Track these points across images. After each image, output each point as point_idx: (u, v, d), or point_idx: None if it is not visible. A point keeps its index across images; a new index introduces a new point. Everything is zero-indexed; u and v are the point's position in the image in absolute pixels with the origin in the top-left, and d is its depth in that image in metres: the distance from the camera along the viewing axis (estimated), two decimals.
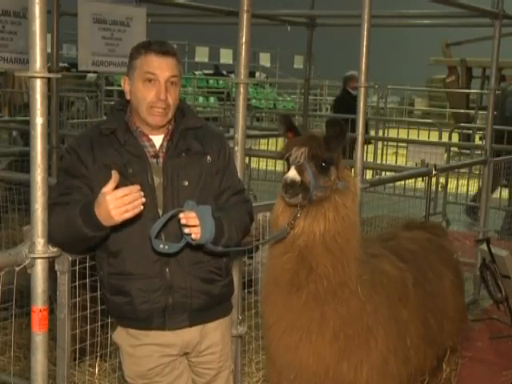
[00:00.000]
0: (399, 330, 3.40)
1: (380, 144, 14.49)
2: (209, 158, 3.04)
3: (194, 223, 2.77)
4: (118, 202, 2.64)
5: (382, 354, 3.25)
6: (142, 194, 2.68)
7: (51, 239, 2.85)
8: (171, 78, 2.91)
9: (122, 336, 3.07)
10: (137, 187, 2.68)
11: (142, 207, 2.69)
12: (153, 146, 3.00)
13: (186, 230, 2.77)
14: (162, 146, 3.00)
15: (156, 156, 2.98)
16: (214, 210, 2.95)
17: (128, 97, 2.98)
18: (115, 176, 2.68)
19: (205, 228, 2.78)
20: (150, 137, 3.00)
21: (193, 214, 2.77)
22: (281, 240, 3.13)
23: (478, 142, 15.77)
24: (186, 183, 2.96)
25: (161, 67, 2.89)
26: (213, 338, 3.13)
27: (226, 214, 2.99)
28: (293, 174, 3.01)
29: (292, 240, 3.09)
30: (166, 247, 2.81)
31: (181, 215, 2.77)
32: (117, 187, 2.83)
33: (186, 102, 3.23)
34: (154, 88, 2.89)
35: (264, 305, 3.31)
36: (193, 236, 2.78)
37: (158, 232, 2.80)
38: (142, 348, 3.02)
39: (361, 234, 3.27)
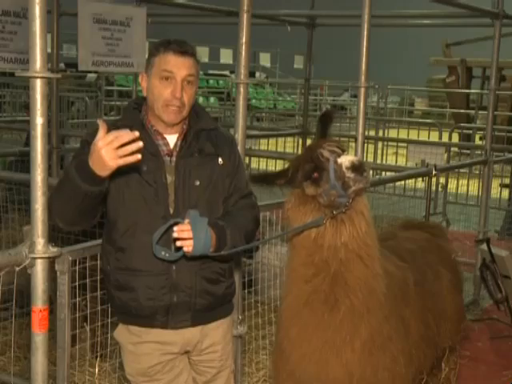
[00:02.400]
0: (404, 329, 3.40)
1: (380, 144, 14.50)
2: (220, 160, 3.06)
3: (186, 236, 2.77)
4: (109, 147, 2.55)
5: (393, 355, 3.23)
6: (137, 134, 2.58)
7: (56, 214, 2.81)
8: (188, 76, 2.93)
9: (123, 334, 3.08)
10: (126, 130, 2.59)
11: (139, 156, 2.58)
12: (167, 144, 3.02)
13: (178, 243, 2.79)
14: (175, 145, 3.02)
15: (170, 155, 3.00)
16: (218, 218, 2.96)
17: (145, 94, 3.01)
18: (103, 125, 2.60)
19: (198, 241, 2.78)
20: (165, 136, 3.02)
21: (187, 227, 2.77)
22: (310, 261, 3.02)
23: (478, 142, 15.81)
24: (198, 183, 2.98)
25: (178, 66, 2.91)
26: (214, 336, 3.14)
27: (231, 222, 2.97)
28: (352, 156, 2.91)
29: (334, 251, 2.98)
30: (167, 255, 2.84)
31: (174, 228, 2.78)
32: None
33: (199, 103, 3.24)
34: (170, 85, 2.91)
35: (291, 325, 3.16)
36: (185, 249, 2.79)
37: (160, 238, 2.81)
38: (142, 346, 3.03)
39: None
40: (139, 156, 2.59)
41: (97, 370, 3.73)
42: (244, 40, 3.65)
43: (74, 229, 3.05)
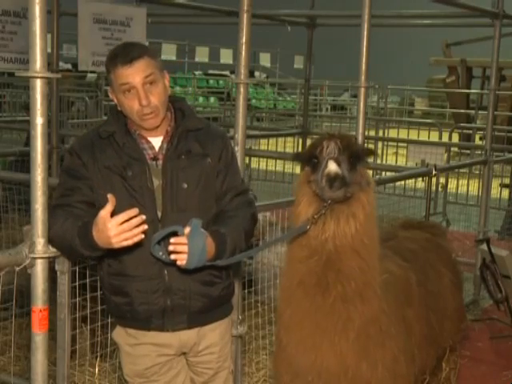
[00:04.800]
0: (406, 329, 3.39)
1: (380, 144, 14.50)
2: (209, 159, 3.02)
3: (181, 250, 2.73)
4: (119, 229, 2.63)
5: (394, 354, 3.21)
6: (144, 217, 2.66)
7: (50, 242, 2.86)
8: (145, 79, 2.88)
9: (120, 335, 3.08)
10: (136, 210, 2.65)
11: (142, 236, 2.67)
12: (152, 148, 2.99)
13: (172, 257, 2.75)
14: (161, 147, 2.99)
15: (155, 158, 2.98)
16: (218, 223, 2.94)
17: (119, 108, 2.98)
18: (112, 199, 2.65)
19: (191, 257, 2.74)
20: (149, 139, 2.99)
21: (184, 240, 2.72)
22: (305, 243, 3.02)
23: (478, 142, 15.81)
24: (185, 185, 2.95)
25: (131, 75, 2.87)
26: (211, 338, 3.12)
27: (230, 225, 2.94)
28: (335, 167, 2.87)
29: (321, 244, 2.98)
30: (164, 256, 2.81)
31: (172, 240, 2.74)
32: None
33: (186, 102, 3.21)
34: (134, 96, 2.88)
35: (285, 307, 3.19)
36: (178, 262, 2.76)
37: (159, 241, 2.79)
38: (139, 347, 3.03)
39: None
40: (143, 236, 2.68)
41: (97, 369, 3.74)
42: (244, 40, 3.65)
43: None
